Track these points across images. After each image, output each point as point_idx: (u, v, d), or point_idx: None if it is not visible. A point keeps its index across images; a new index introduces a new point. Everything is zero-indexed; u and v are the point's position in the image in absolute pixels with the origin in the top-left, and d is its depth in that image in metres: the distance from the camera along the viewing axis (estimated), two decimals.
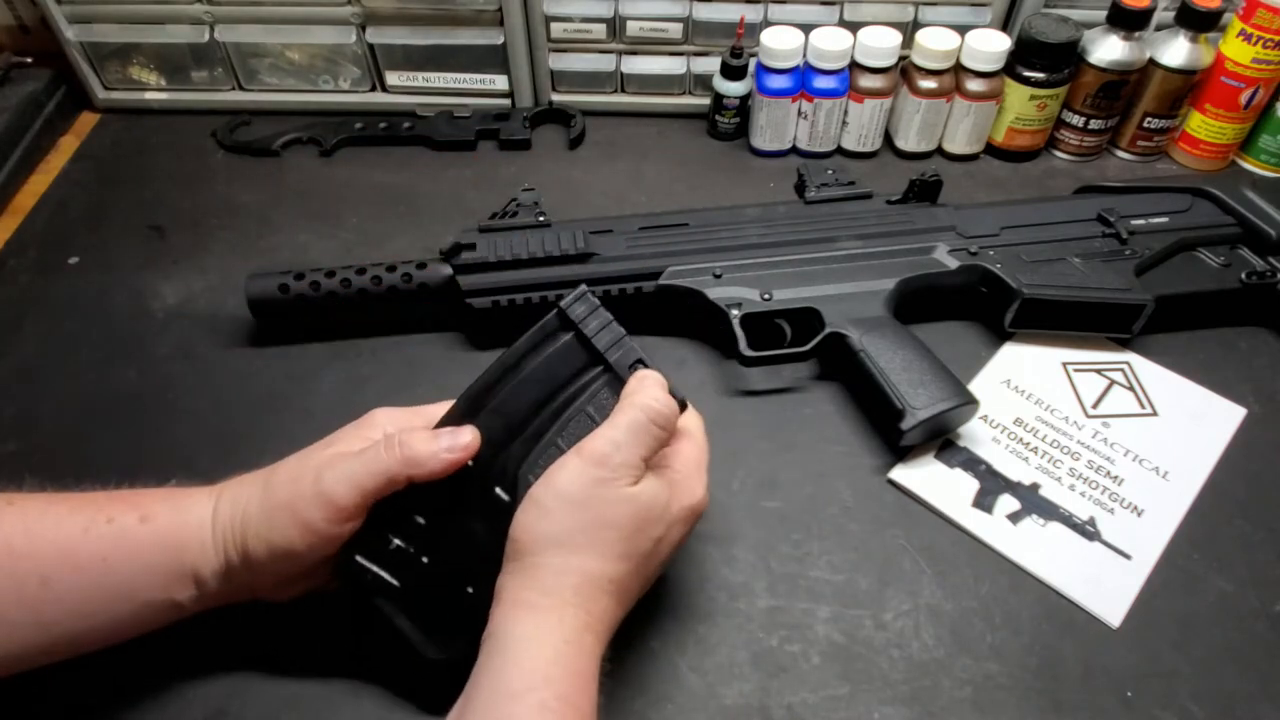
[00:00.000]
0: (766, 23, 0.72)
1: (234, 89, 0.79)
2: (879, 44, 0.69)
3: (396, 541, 0.41)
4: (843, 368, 0.57)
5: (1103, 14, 0.69)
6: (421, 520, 0.41)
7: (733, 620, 0.47)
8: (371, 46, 0.75)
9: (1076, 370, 0.59)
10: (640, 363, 0.42)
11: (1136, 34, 0.69)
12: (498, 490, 0.41)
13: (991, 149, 0.76)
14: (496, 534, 0.39)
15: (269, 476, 0.41)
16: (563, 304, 0.42)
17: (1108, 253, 0.60)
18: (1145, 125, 0.73)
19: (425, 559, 0.41)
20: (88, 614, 0.38)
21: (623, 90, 0.79)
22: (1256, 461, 0.54)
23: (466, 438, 0.40)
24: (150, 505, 0.40)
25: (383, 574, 0.40)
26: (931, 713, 0.43)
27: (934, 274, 0.59)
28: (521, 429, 0.41)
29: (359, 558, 0.40)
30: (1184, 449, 0.54)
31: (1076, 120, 0.73)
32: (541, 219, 0.60)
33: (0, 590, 0.37)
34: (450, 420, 0.42)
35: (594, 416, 0.41)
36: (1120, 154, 0.77)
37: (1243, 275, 0.60)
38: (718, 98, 0.75)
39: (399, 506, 0.40)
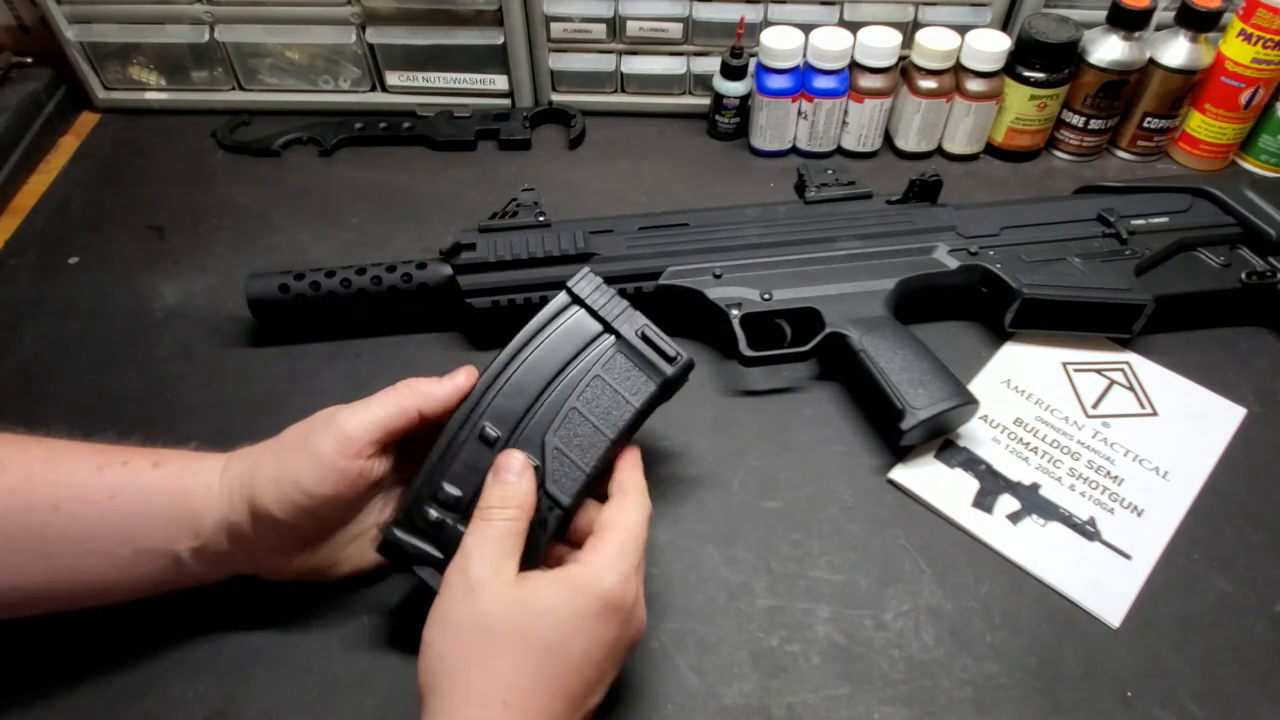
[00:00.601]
0: (766, 23, 0.72)
1: (234, 89, 0.79)
2: (879, 44, 0.69)
3: (434, 513, 0.42)
4: (843, 368, 0.57)
5: (1103, 14, 0.69)
6: (458, 492, 0.42)
7: (733, 620, 0.47)
8: (371, 46, 0.75)
9: (1076, 370, 0.59)
10: (646, 329, 0.45)
11: (1136, 34, 0.69)
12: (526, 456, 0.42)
13: (991, 149, 0.76)
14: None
15: (282, 434, 0.43)
16: (569, 283, 0.45)
17: (1108, 253, 0.60)
18: (1145, 125, 0.73)
19: (464, 528, 0.41)
20: (89, 549, 0.39)
21: (623, 90, 0.79)
22: (1256, 461, 0.54)
23: (462, 375, 0.43)
24: (164, 455, 0.42)
25: (424, 546, 0.41)
26: (931, 713, 0.43)
27: (934, 274, 0.59)
28: (541, 398, 0.43)
29: (397, 531, 0.41)
30: (1184, 449, 0.54)
31: (1076, 120, 0.73)
32: (541, 219, 0.60)
33: (14, 515, 0.38)
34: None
35: (608, 380, 0.44)
36: (1120, 154, 0.77)
37: (1243, 275, 0.60)
38: (718, 98, 0.75)
39: (435, 480, 0.42)
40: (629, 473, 0.43)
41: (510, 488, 0.40)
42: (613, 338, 0.45)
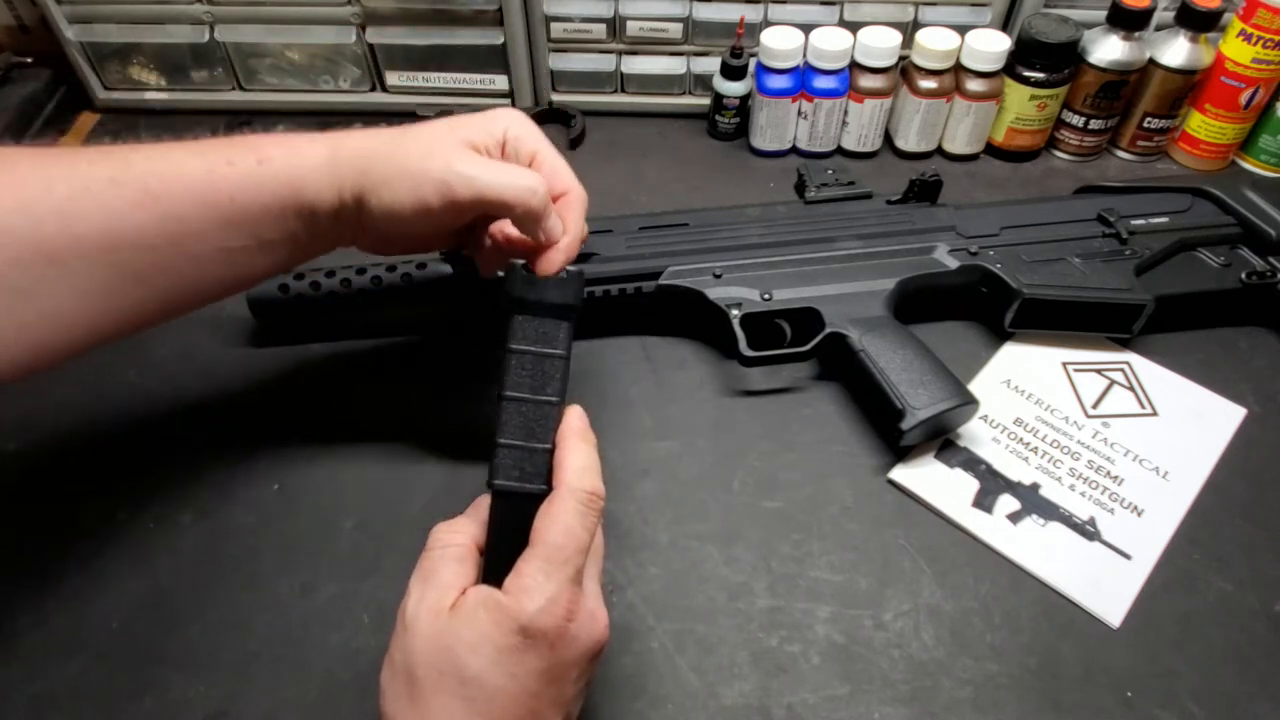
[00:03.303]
0: (766, 23, 0.72)
1: (234, 89, 0.79)
2: (879, 44, 0.69)
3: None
4: (843, 368, 0.57)
5: (1103, 14, 0.69)
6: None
7: (733, 620, 0.47)
8: (371, 46, 0.75)
9: (1076, 370, 0.59)
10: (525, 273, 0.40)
11: (1136, 34, 0.69)
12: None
13: (991, 149, 0.76)
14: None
15: (401, 138, 0.42)
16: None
17: (1108, 253, 0.60)
18: (1145, 125, 0.73)
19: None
20: (220, 247, 0.41)
21: (623, 90, 0.79)
22: (1256, 461, 0.54)
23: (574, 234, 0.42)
24: (265, 149, 0.41)
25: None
26: (931, 713, 0.43)
27: (934, 274, 0.59)
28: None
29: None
30: (1184, 449, 0.54)
31: (1076, 120, 0.73)
32: None
33: (149, 229, 0.38)
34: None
35: (521, 347, 0.39)
36: (1120, 154, 0.77)
37: (1243, 275, 0.60)
38: (718, 98, 0.75)
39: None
40: (565, 452, 0.38)
41: (455, 521, 0.39)
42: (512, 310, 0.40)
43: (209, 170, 0.40)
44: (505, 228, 0.45)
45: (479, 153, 0.42)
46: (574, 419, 0.39)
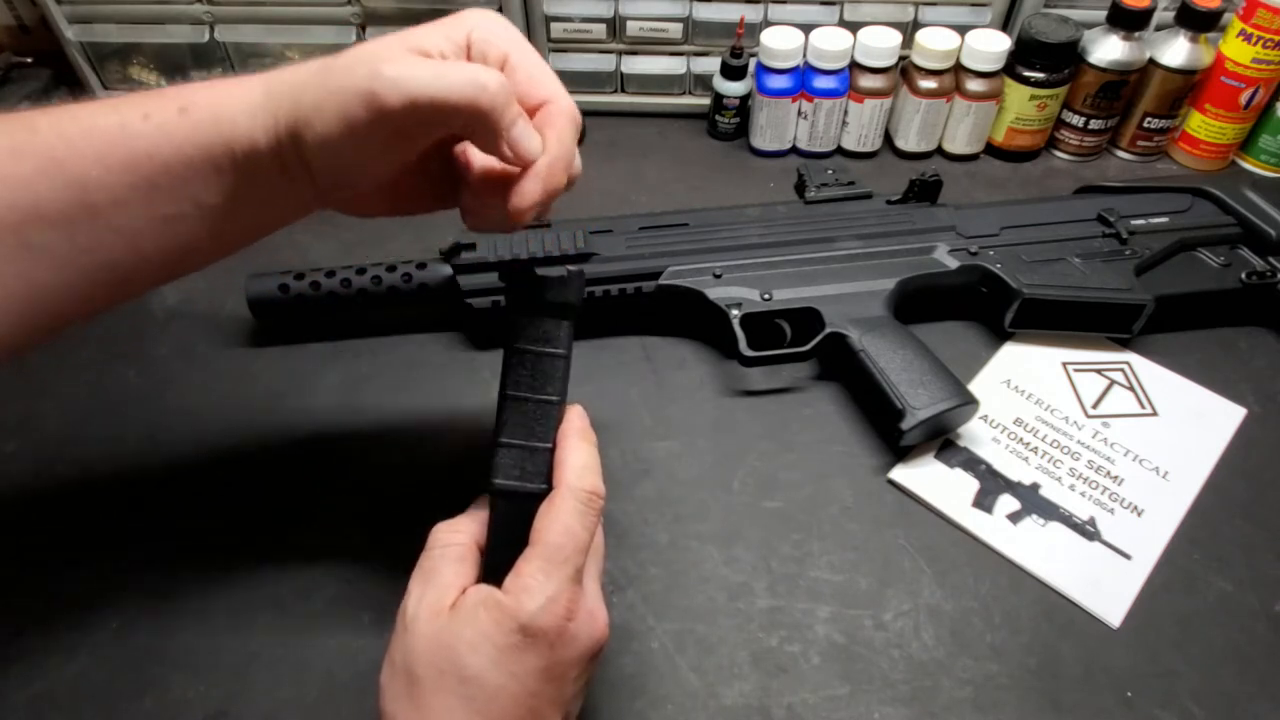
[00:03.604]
0: (766, 23, 0.72)
1: None
2: (879, 44, 0.69)
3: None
4: (843, 368, 0.57)
5: (1103, 14, 0.69)
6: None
7: (733, 620, 0.47)
8: None
9: (1076, 370, 0.59)
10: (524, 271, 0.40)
11: (1136, 34, 0.69)
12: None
13: (991, 149, 0.76)
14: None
15: (333, 59, 0.35)
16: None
17: (1108, 253, 0.60)
18: (1145, 125, 0.73)
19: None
20: (147, 217, 0.35)
21: (623, 90, 0.79)
22: (1256, 461, 0.54)
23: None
24: (189, 96, 0.35)
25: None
26: (931, 713, 0.43)
27: (934, 274, 0.59)
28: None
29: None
30: (1184, 449, 0.54)
31: (1076, 120, 0.73)
32: (542, 218, 0.60)
33: (57, 200, 0.33)
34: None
35: (523, 347, 0.39)
36: (1120, 154, 0.77)
37: (1243, 275, 0.60)
38: (718, 98, 0.75)
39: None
40: (565, 452, 0.37)
41: (455, 520, 0.38)
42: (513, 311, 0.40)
43: (121, 127, 0.34)
44: (470, 151, 0.38)
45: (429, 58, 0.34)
46: (575, 418, 0.39)
